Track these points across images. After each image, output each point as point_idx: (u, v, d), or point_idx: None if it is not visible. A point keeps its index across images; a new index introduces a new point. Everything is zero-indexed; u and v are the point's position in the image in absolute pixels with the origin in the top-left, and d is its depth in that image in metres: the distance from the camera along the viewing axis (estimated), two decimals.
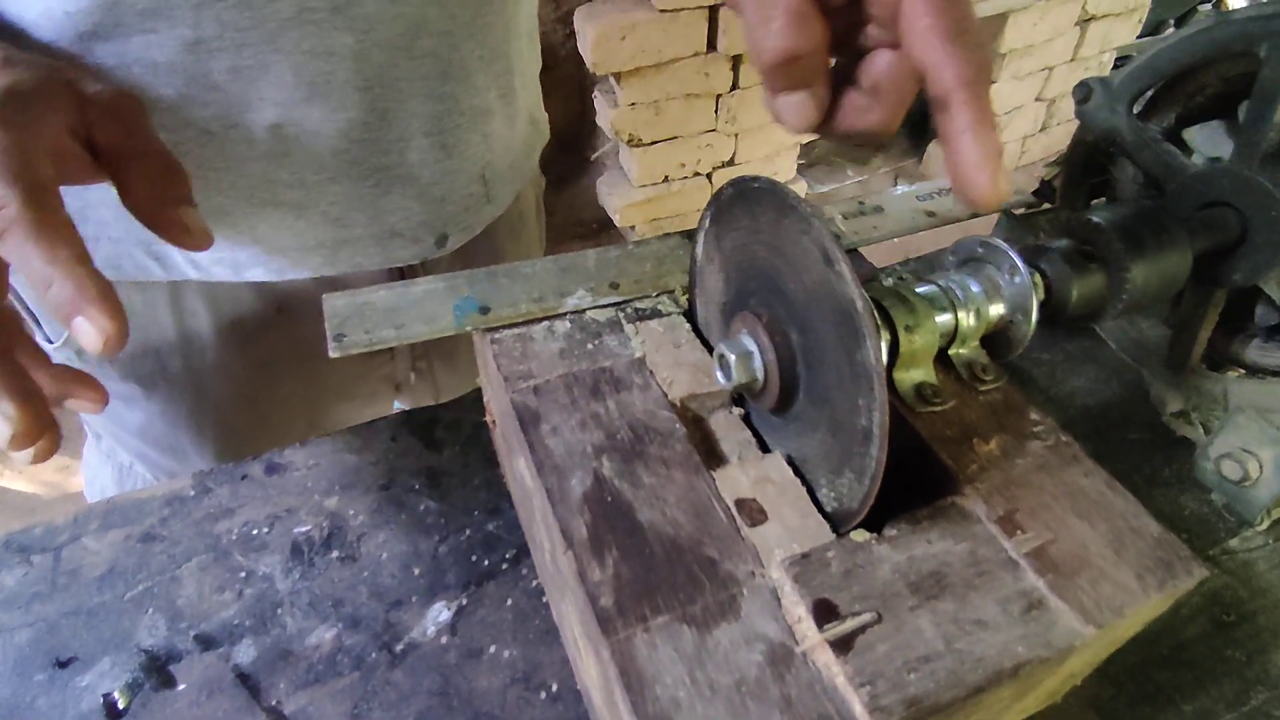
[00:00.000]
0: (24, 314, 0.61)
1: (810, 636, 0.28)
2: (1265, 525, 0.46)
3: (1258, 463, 0.44)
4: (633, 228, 2.21)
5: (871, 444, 0.28)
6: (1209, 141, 0.47)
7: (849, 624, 0.28)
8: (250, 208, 0.53)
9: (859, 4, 0.30)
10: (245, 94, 0.48)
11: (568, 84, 2.21)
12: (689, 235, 0.46)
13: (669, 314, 0.41)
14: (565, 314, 0.41)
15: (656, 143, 2.01)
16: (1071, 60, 2.47)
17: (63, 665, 0.41)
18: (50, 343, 0.61)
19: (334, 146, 0.52)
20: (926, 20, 0.27)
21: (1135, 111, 0.48)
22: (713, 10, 1.79)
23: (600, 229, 2.35)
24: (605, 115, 1.96)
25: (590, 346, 0.39)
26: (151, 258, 0.55)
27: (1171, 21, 2.94)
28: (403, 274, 0.62)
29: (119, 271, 0.55)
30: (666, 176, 2.09)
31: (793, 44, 0.29)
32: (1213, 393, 0.47)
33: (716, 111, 2.01)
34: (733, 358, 0.34)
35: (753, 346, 0.34)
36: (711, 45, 1.86)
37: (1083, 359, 0.58)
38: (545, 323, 0.40)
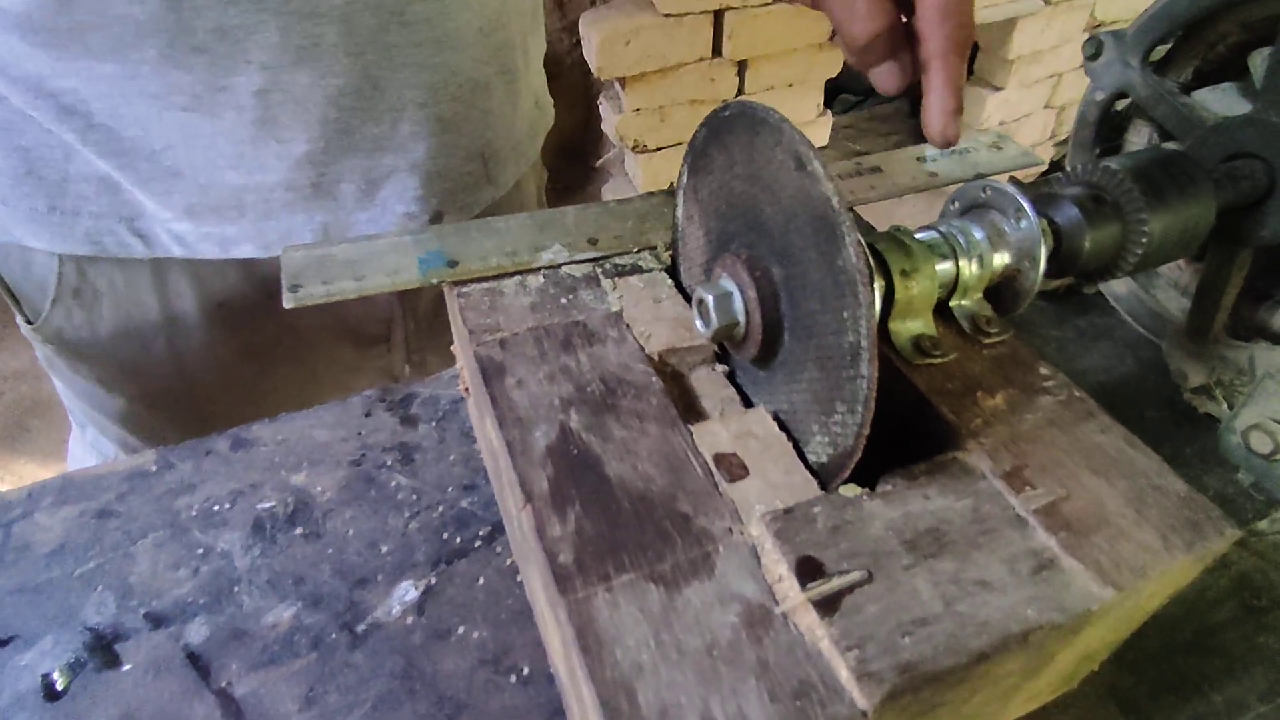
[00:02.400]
0: (3, 293, 0.59)
1: (792, 596, 0.25)
2: None
3: None
4: None
5: (860, 361, 0.25)
6: (1222, 104, 0.45)
7: (835, 583, 0.25)
8: (237, 176, 0.51)
9: None
10: (231, 55, 0.46)
11: (573, 92, 2.21)
12: (672, 193, 0.43)
13: (650, 270, 0.39)
14: (539, 269, 0.38)
15: (662, 148, 2.00)
16: (1080, 67, 2.45)
17: (2, 644, 0.38)
18: (29, 323, 0.59)
19: (323, 114, 0.50)
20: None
21: (1150, 66, 0.45)
22: (717, 15, 1.78)
23: None
24: (610, 121, 1.95)
25: (564, 301, 0.37)
26: (134, 234, 0.53)
27: None
28: None
29: (100, 248, 0.53)
30: (671, 183, 2.08)
31: (874, 26, 0.36)
32: (1238, 362, 0.44)
33: None
34: (711, 299, 0.31)
35: (732, 287, 0.31)
36: (717, 50, 1.85)
37: (1096, 335, 0.55)
38: (517, 277, 0.38)
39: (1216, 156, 0.41)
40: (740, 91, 1.95)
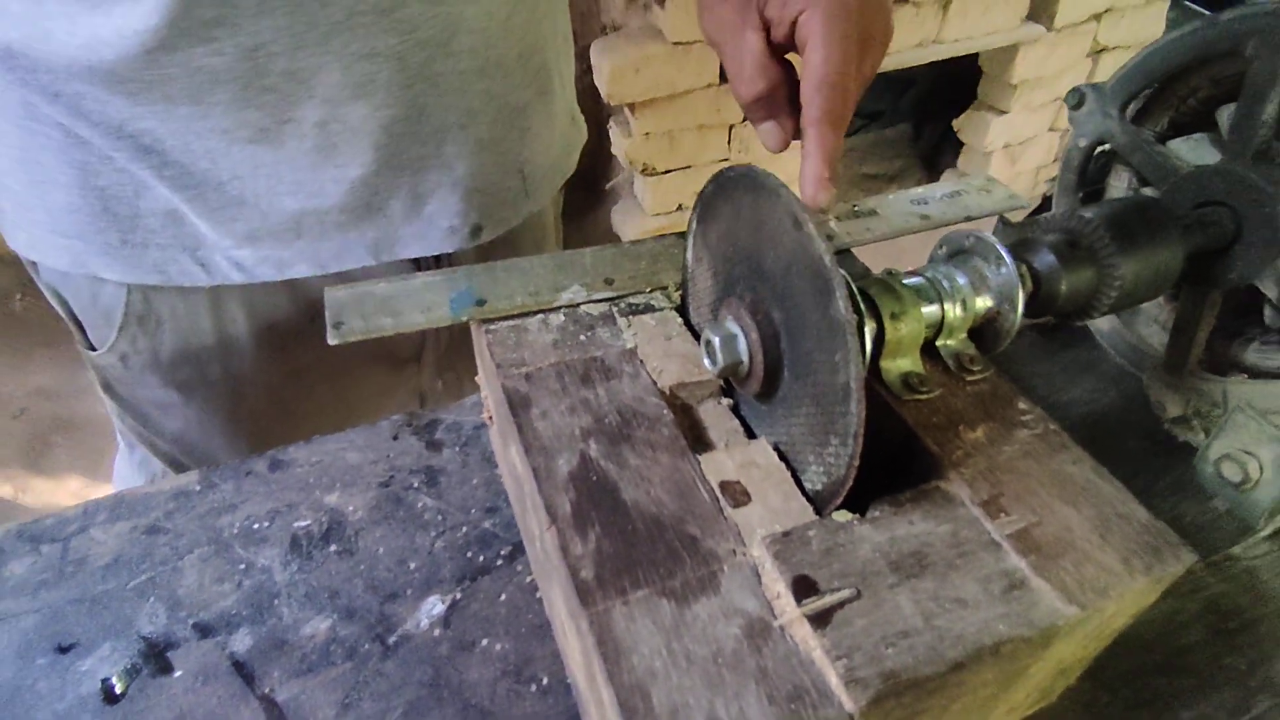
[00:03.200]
0: (68, 321, 0.63)
1: (789, 611, 0.28)
2: (1268, 531, 0.46)
3: (1258, 463, 0.43)
4: None
5: (850, 399, 0.28)
6: (1194, 153, 0.48)
7: (827, 599, 0.28)
8: (296, 201, 0.56)
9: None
10: (296, 93, 0.50)
11: (584, 116, 2.25)
12: (683, 236, 0.47)
13: (661, 309, 0.42)
14: (560, 307, 0.42)
15: (670, 171, 2.04)
16: None
17: (64, 650, 0.41)
18: (94, 350, 0.63)
19: (375, 140, 0.55)
20: (810, 72, 0.39)
21: (1128, 117, 0.49)
22: None
23: None
24: (620, 145, 2.00)
25: (583, 338, 0.40)
26: (196, 263, 0.58)
27: None
28: (438, 262, 0.64)
29: (165, 277, 0.58)
30: (680, 205, 2.12)
31: (755, 89, 0.41)
32: (1212, 395, 0.47)
33: (729, 141, 2.04)
34: (718, 341, 0.34)
35: (737, 329, 0.34)
36: (724, 77, 1.89)
37: (1081, 368, 0.58)
38: (540, 315, 0.41)
39: (1188, 203, 0.45)
40: (746, 118, 1.99)
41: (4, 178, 0.57)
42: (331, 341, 0.38)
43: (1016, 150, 2.47)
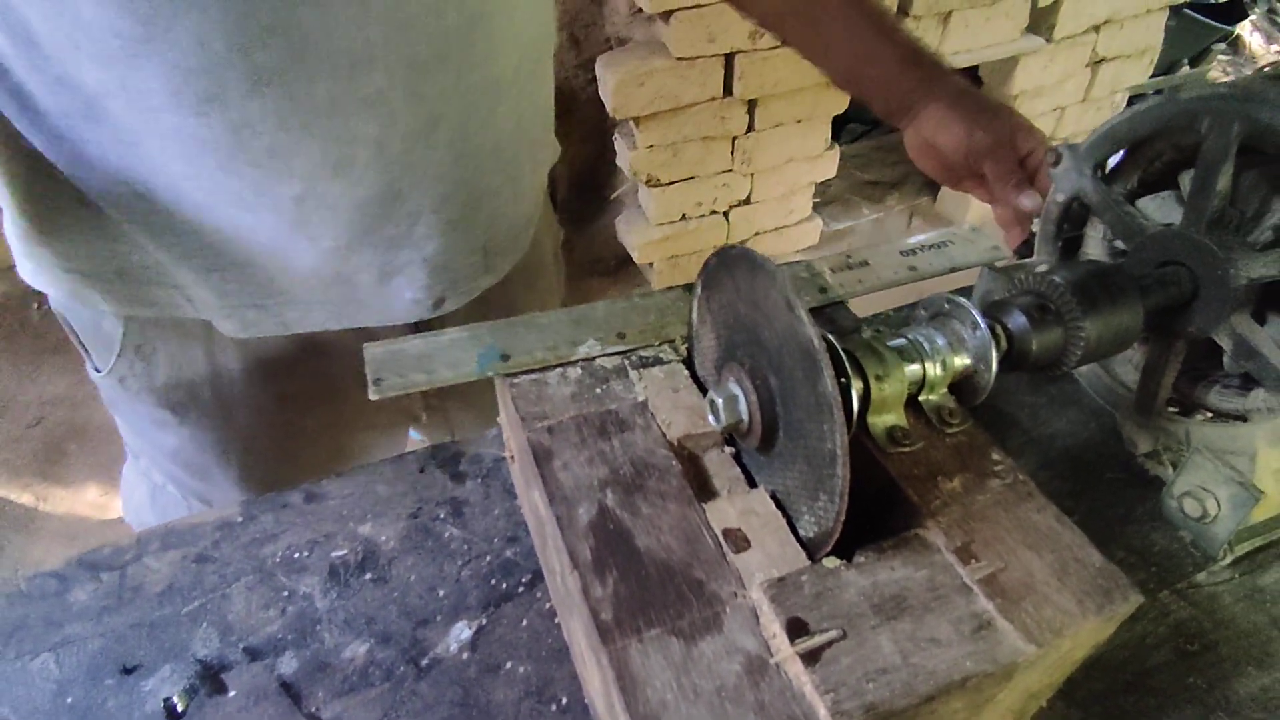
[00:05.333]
0: (75, 343, 0.68)
1: (783, 650, 0.32)
2: (1228, 560, 0.49)
3: (1215, 501, 0.47)
4: (651, 264, 2.27)
5: (836, 464, 0.32)
6: (1161, 210, 0.52)
7: (817, 639, 0.32)
8: (271, 264, 0.59)
9: None
10: (277, 169, 0.53)
11: (588, 126, 2.29)
12: (688, 288, 0.51)
13: (669, 362, 0.46)
14: (577, 361, 0.46)
15: (674, 183, 2.08)
16: (1083, 100, 2.52)
17: (128, 672, 0.45)
18: (98, 371, 0.67)
19: (349, 218, 0.57)
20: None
21: (1102, 175, 0.53)
22: (728, 57, 1.87)
23: (619, 266, 2.41)
24: (625, 157, 2.03)
25: (599, 391, 0.44)
26: (186, 299, 0.61)
27: (1185, 61, 2.97)
28: (416, 328, 0.68)
29: (159, 309, 0.62)
30: (684, 215, 2.16)
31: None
32: (1177, 434, 0.51)
33: (733, 153, 2.07)
34: (721, 402, 0.38)
35: (738, 391, 0.38)
36: (728, 90, 1.93)
37: (1064, 402, 0.62)
38: (559, 369, 0.45)
39: (1153, 261, 0.48)
40: (750, 129, 2.03)
41: (11, 213, 0.61)
42: (373, 397, 0.43)
43: None
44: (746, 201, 2.20)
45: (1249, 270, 0.44)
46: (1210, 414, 0.52)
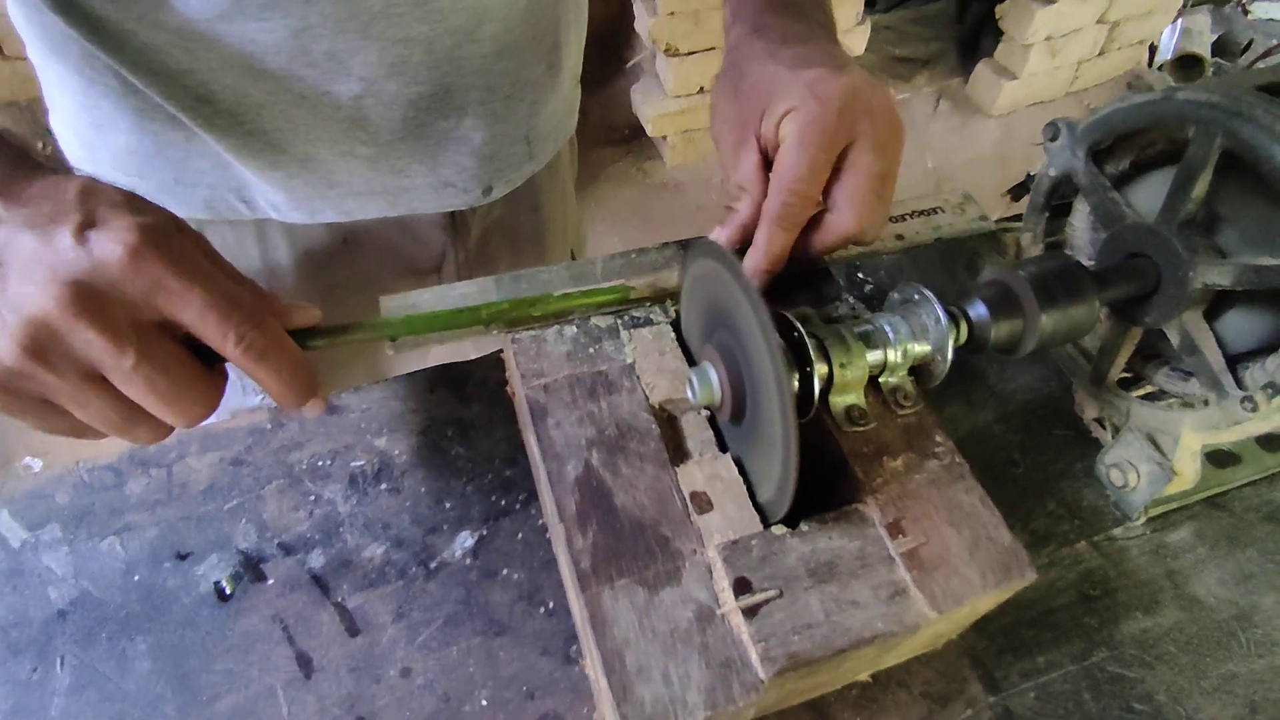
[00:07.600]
0: None
1: (729, 603, 0.39)
2: (1142, 520, 0.56)
3: (1136, 474, 0.52)
4: (664, 138, 2.22)
5: (789, 444, 0.37)
6: (1156, 192, 0.53)
7: (758, 596, 0.39)
8: (331, 158, 0.63)
9: None
10: (336, 70, 0.57)
11: None
12: (683, 245, 0.54)
13: (658, 323, 0.50)
14: (573, 318, 0.50)
15: (694, 53, 2.00)
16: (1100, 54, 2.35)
17: (182, 558, 0.53)
18: None
19: (404, 114, 0.62)
20: (776, 176, 0.46)
21: (1096, 153, 0.54)
22: None
23: (632, 136, 2.36)
24: (644, 23, 1.94)
25: (591, 350, 0.48)
26: (241, 201, 0.66)
27: None
28: (453, 218, 0.74)
29: (214, 212, 0.66)
30: (702, 88, 2.08)
31: (738, 197, 0.48)
32: (1120, 407, 0.56)
33: None
34: (697, 380, 0.43)
35: (713, 375, 0.43)
36: None
37: (1032, 359, 0.66)
38: (556, 327, 0.49)
39: (1125, 250, 0.51)
40: None
41: (71, 120, 0.64)
42: (390, 354, 0.47)
43: (1058, 43, 2.37)
44: None
45: (1205, 276, 0.47)
46: (1154, 390, 0.56)
